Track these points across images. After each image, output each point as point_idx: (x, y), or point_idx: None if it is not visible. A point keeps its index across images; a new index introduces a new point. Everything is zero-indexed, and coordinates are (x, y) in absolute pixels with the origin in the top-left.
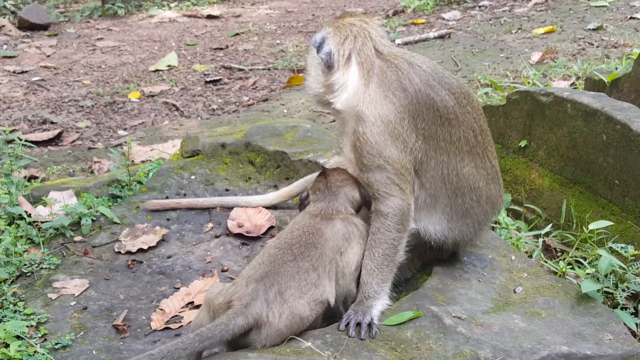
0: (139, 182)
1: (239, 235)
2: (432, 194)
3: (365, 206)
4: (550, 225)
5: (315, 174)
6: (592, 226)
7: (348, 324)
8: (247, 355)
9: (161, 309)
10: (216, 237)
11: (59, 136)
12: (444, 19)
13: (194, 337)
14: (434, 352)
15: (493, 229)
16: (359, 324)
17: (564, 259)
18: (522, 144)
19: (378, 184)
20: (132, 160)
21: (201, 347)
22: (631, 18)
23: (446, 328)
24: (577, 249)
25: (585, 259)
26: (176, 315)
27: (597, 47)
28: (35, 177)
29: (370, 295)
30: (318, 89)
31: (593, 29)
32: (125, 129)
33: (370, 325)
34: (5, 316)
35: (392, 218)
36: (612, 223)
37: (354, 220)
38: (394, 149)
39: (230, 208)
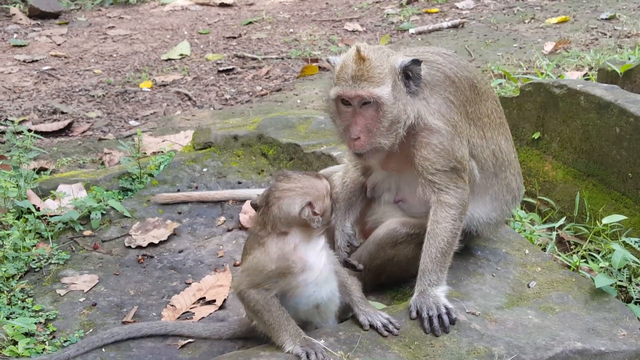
0: (150, 175)
1: None
2: (487, 175)
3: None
4: (564, 218)
5: (331, 168)
6: (605, 220)
7: (430, 319)
8: (259, 353)
9: (172, 305)
10: (228, 230)
11: (69, 126)
12: (457, 7)
13: None
14: (448, 349)
15: (507, 222)
16: (438, 317)
17: (577, 252)
18: (536, 135)
19: (447, 181)
20: (144, 152)
21: None
22: None
23: (460, 324)
24: (590, 241)
25: (598, 252)
26: (187, 312)
27: (610, 37)
28: (45, 169)
29: (434, 283)
30: (405, 128)
31: (606, 19)
32: (136, 119)
33: (448, 313)
34: (14, 312)
35: (457, 208)
36: (625, 217)
37: (268, 243)
38: (463, 148)
39: (242, 201)
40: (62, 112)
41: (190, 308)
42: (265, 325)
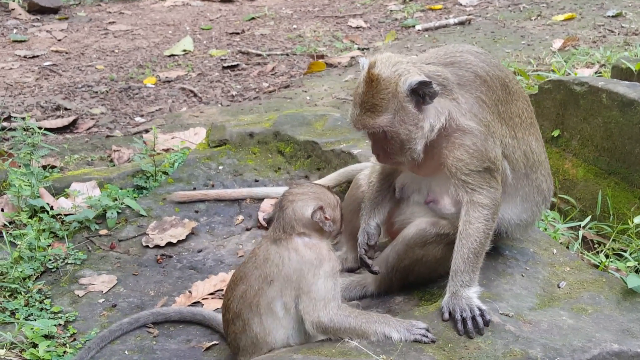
0: (165, 173)
1: None
2: (519, 175)
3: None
4: (589, 217)
5: (354, 165)
6: (637, 220)
7: (463, 320)
8: (292, 357)
9: (189, 292)
10: (247, 230)
11: (74, 123)
12: (460, 4)
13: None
14: (483, 351)
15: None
16: (472, 319)
17: (602, 250)
18: (555, 133)
19: (480, 181)
20: (154, 149)
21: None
22: None
23: (494, 326)
24: (613, 240)
25: (624, 251)
26: (198, 302)
27: (618, 34)
28: (54, 166)
29: (466, 284)
30: (421, 143)
31: (612, 16)
32: (142, 116)
33: (482, 315)
34: (32, 314)
35: (490, 208)
36: None
37: (293, 244)
38: (496, 148)
39: (260, 199)
40: (66, 109)
41: (204, 298)
42: (358, 335)
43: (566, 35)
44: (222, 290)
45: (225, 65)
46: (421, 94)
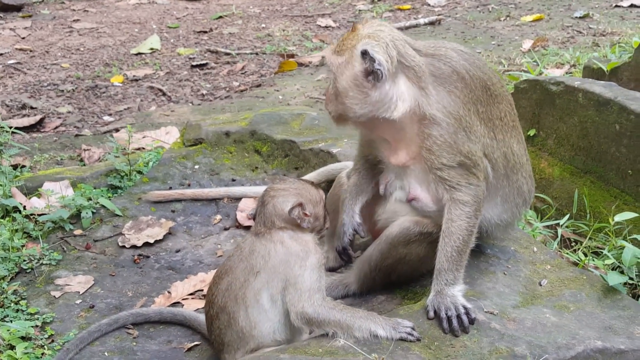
0: (139, 172)
1: (249, 228)
2: (498, 175)
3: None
4: (567, 216)
5: (331, 165)
6: (617, 218)
7: (448, 319)
8: (279, 356)
9: (169, 292)
10: (225, 229)
11: (40, 122)
12: (429, 4)
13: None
14: (469, 349)
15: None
16: (457, 317)
17: (579, 249)
18: (531, 132)
19: (457, 177)
20: (124, 148)
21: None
22: (616, 6)
23: (479, 324)
24: (590, 238)
25: (600, 249)
26: (178, 302)
27: (586, 35)
28: (23, 166)
29: (450, 282)
30: (364, 109)
31: (580, 17)
32: (110, 115)
33: (467, 313)
34: (8, 316)
35: (472, 205)
36: (636, 215)
37: (279, 237)
38: (470, 142)
39: (238, 199)
40: (32, 107)
41: (184, 298)
42: (342, 328)
43: (535, 35)
44: (202, 290)
45: (194, 64)
46: (368, 65)
